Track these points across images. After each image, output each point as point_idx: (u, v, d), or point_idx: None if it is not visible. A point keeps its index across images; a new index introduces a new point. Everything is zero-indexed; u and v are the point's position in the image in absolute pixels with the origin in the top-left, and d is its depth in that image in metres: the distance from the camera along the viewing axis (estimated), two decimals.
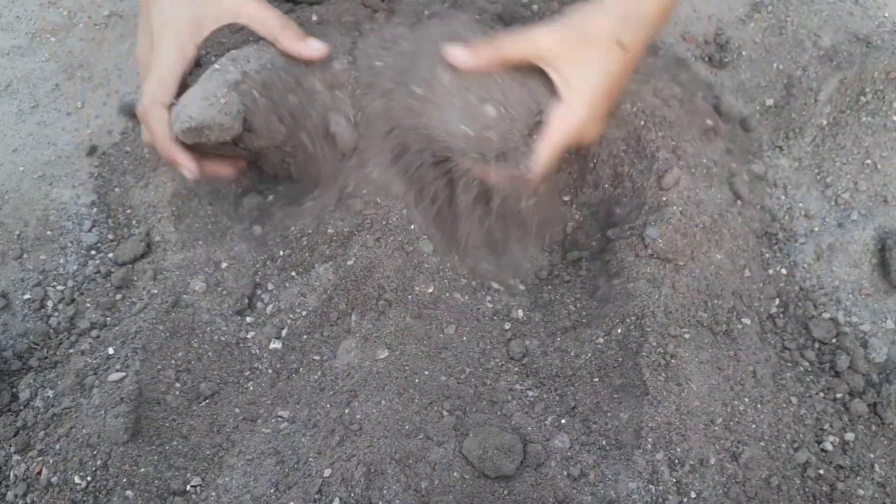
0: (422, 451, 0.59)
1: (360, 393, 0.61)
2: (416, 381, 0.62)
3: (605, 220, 0.73)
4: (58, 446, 0.59)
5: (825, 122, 0.77)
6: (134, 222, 0.72)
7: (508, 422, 0.61)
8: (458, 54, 0.58)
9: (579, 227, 0.73)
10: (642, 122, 0.73)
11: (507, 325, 0.67)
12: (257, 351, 0.65)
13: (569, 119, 0.58)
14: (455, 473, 0.58)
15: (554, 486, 0.58)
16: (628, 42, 0.57)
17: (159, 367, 0.63)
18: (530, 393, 0.63)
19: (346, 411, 0.61)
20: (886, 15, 0.81)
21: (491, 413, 0.62)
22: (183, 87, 0.59)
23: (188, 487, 0.59)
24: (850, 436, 0.62)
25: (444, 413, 0.61)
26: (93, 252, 0.71)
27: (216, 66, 0.59)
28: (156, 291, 0.67)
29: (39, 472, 0.59)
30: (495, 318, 0.67)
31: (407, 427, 0.60)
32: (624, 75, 0.60)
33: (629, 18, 0.57)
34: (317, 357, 0.64)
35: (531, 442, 0.60)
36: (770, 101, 0.79)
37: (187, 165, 0.60)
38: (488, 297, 0.68)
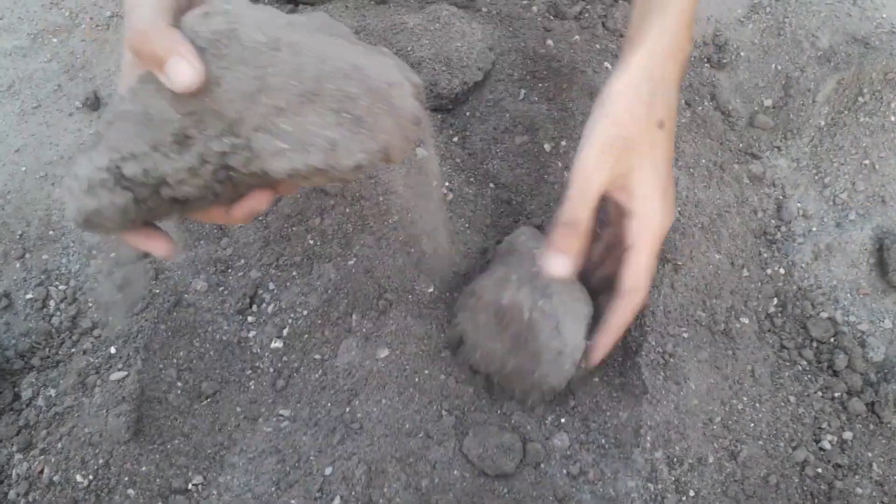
0: (422, 450, 0.59)
1: (361, 392, 0.62)
2: (417, 380, 0.62)
3: (603, 219, 0.73)
4: (60, 445, 0.60)
5: (823, 123, 0.77)
6: None
7: (508, 420, 0.61)
8: (558, 263, 0.52)
9: None
10: None
11: None
12: (258, 350, 0.65)
13: (651, 230, 0.53)
14: (455, 472, 0.58)
15: (553, 484, 0.58)
16: (665, 117, 0.52)
17: (161, 366, 0.63)
18: None
19: (347, 410, 0.61)
20: (884, 16, 0.82)
21: (490, 412, 0.62)
22: None
23: (190, 486, 0.59)
24: (848, 435, 0.62)
25: (444, 412, 0.61)
26: (95, 252, 0.72)
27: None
28: (157, 291, 0.67)
29: (41, 471, 0.59)
30: None
31: (407, 426, 0.60)
32: (672, 149, 0.55)
33: (657, 88, 0.52)
34: (318, 356, 0.64)
35: (530, 440, 0.60)
36: (768, 102, 0.79)
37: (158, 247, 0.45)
38: None
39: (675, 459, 0.59)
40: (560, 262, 0.52)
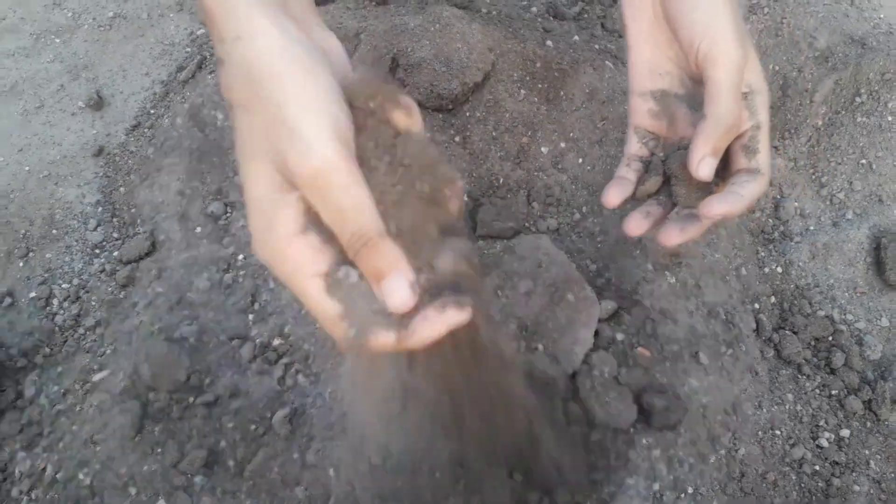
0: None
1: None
2: None
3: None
4: (62, 443, 0.60)
5: (821, 123, 0.77)
6: (139, 221, 0.73)
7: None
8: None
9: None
10: None
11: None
12: (261, 348, 0.65)
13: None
14: (458, 468, 0.58)
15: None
16: None
17: (164, 364, 0.63)
18: None
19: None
20: (882, 16, 0.82)
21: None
22: None
23: (192, 484, 0.59)
24: (845, 432, 0.62)
25: None
26: (98, 251, 0.72)
27: None
28: (160, 290, 0.67)
29: (44, 469, 0.59)
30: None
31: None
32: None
33: None
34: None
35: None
36: None
37: None
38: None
39: (673, 457, 0.59)
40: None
